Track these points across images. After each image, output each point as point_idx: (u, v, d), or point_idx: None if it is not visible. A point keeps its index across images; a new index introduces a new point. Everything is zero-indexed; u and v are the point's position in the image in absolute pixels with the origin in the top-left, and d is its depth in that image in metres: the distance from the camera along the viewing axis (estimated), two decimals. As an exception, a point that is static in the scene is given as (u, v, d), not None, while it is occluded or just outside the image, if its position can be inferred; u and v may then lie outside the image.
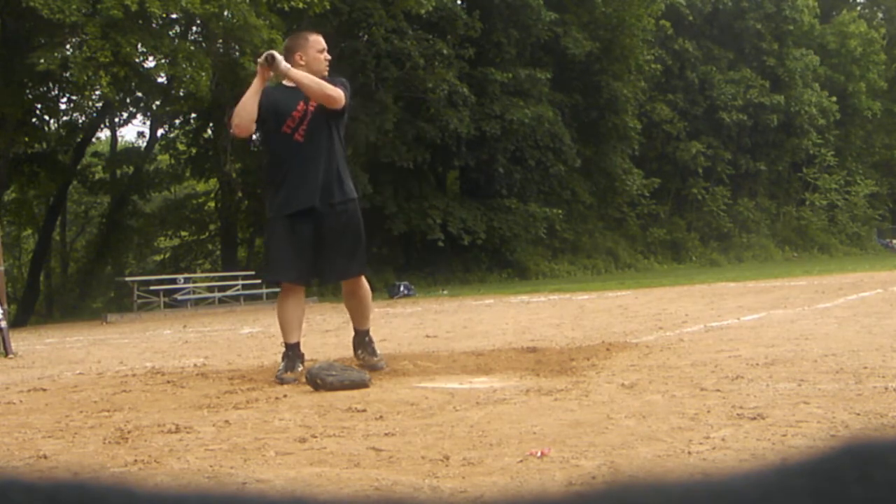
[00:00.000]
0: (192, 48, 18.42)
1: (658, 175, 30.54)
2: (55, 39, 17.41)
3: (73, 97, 21.18)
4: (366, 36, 22.90)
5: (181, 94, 18.92)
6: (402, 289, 17.26)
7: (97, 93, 18.15)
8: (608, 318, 8.31)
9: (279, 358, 4.88)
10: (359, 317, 4.92)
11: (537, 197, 26.11)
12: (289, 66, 4.48)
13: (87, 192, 27.85)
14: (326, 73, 4.63)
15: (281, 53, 4.61)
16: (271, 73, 4.57)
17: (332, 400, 3.69)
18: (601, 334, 6.44)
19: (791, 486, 0.33)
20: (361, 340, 4.88)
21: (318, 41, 4.66)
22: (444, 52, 22.65)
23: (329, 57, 4.69)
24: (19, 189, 24.18)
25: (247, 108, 4.57)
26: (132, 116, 27.01)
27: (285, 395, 3.92)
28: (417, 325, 8.91)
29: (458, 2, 25.06)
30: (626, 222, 30.58)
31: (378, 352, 4.88)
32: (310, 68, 4.57)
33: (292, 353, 4.62)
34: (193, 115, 23.92)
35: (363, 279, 4.88)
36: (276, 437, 2.99)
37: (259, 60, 4.58)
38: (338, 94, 4.49)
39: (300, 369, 4.49)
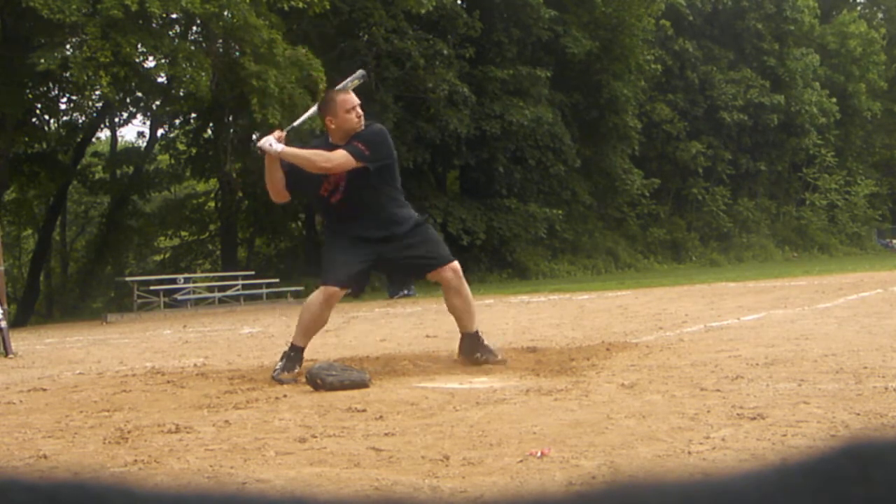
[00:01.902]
0: (192, 48, 18.42)
1: (658, 175, 30.54)
2: (55, 39, 17.41)
3: (73, 97, 21.20)
4: (366, 36, 22.90)
5: (181, 94, 18.92)
6: (402, 289, 17.25)
7: (97, 93, 18.15)
8: (608, 318, 8.31)
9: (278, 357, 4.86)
10: (467, 317, 4.81)
11: (537, 197, 26.11)
12: (281, 148, 4.55)
13: (87, 192, 27.86)
14: (361, 128, 4.74)
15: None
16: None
17: (332, 400, 3.69)
18: (601, 334, 6.44)
19: (791, 486, 0.33)
20: (473, 343, 4.78)
21: (345, 101, 4.77)
22: (445, 51, 22.64)
23: (361, 113, 4.78)
24: (19, 189, 24.17)
25: (271, 183, 4.73)
26: (132, 116, 27.03)
27: (285, 395, 3.92)
28: (417, 325, 8.91)
29: (458, 1, 25.05)
30: (626, 222, 30.57)
31: (494, 347, 4.79)
32: (341, 129, 4.69)
33: (295, 354, 4.61)
34: (193, 115, 23.91)
35: (461, 276, 4.83)
36: (276, 437, 2.99)
37: (257, 152, 4.75)
38: (334, 162, 4.55)
39: (296, 371, 4.50)
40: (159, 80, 19.83)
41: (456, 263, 4.84)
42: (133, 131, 75.82)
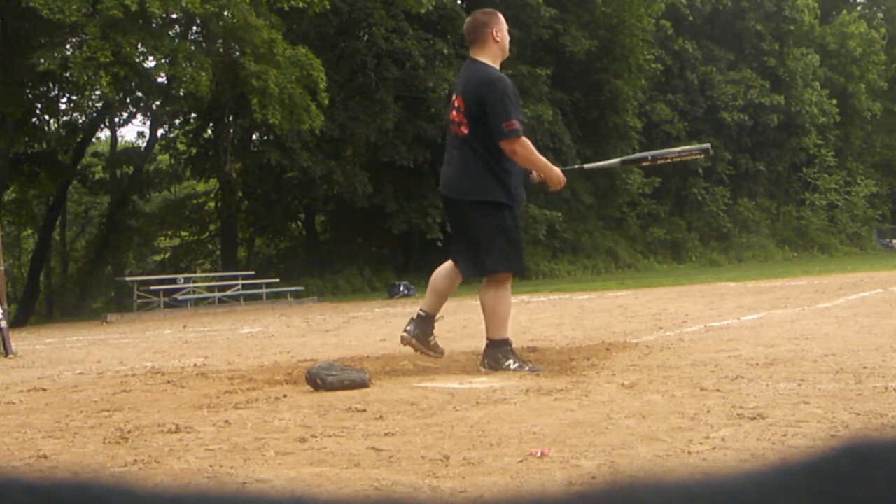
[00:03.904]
0: (192, 48, 18.43)
1: (658, 175, 30.54)
2: (55, 39, 17.43)
3: (73, 97, 21.20)
4: (366, 36, 22.91)
5: (181, 94, 18.93)
6: (402, 289, 17.26)
7: (97, 93, 18.16)
8: (608, 318, 8.31)
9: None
10: (486, 325, 4.65)
11: (537, 196, 26.10)
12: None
13: (87, 192, 27.87)
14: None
15: (468, 27, 4.66)
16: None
17: (332, 400, 3.69)
18: (601, 334, 6.44)
19: (791, 486, 0.33)
20: (487, 351, 4.56)
21: (503, 20, 4.68)
22: (445, 51, 22.65)
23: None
24: (19, 189, 24.17)
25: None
26: (132, 116, 27.05)
27: (285, 395, 3.92)
28: (417, 325, 8.89)
29: (458, 1, 25.06)
30: (626, 222, 30.58)
31: (505, 360, 4.48)
32: (502, 46, 4.60)
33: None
34: (193, 115, 23.92)
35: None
36: (276, 437, 2.99)
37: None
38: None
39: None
40: (159, 80, 19.84)
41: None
42: (133, 131, 76.04)
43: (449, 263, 4.75)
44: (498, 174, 4.49)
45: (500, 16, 4.65)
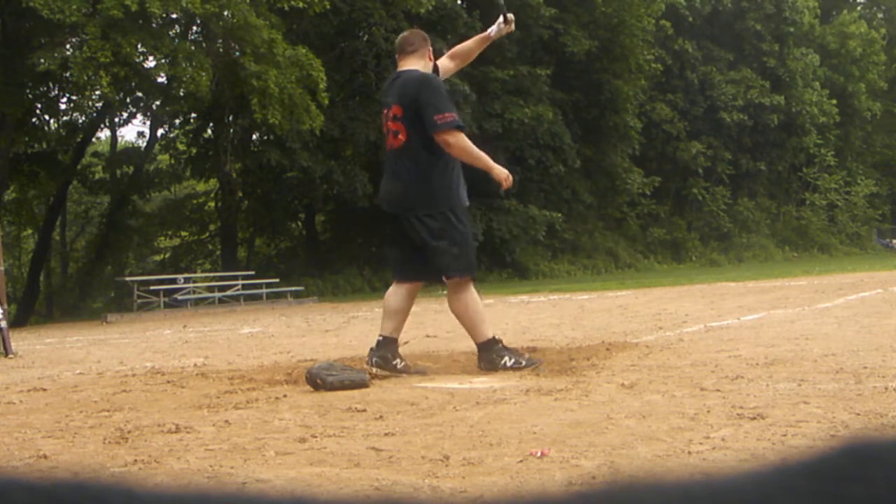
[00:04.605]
0: (192, 48, 18.42)
1: (658, 175, 30.55)
2: (55, 39, 17.42)
3: (73, 97, 21.20)
4: (366, 36, 22.91)
5: (181, 94, 18.93)
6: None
7: (97, 93, 18.15)
8: (608, 318, 8.31)
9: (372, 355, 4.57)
10: (468, 332, 4.63)
11: (537, 196, 26.11)
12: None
13: (87, 192, 27.88)
14: None
15: (406, 39, 4.75)
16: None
17: (332, 400, 3.69)
18: (601, 334, 6.44)
19: (791, 486, 0.33)
20: (480, 354, 4.53)
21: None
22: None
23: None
24: (19, 189, 24.19)
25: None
26: (132, 116, 27.06)
27: (285, 395, 3.92)
28: (417, 325, 8.90)
29: (458, 1, 25.06)
30: (626, 222, 30.58)
31: (500, 359, 4.44)
32: (430, 66, 4.70)
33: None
34: (193, 115, 23.92)
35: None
36: (276, 437, 2.99)
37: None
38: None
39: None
40: (159, 80, 19.84)
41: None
42: (133, 131, 76.02)
43: (399, 284, 4.70)
44: (439, 180, 4.46)
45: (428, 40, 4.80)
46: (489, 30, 4.97)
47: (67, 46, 17.63)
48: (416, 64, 4.61)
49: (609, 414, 3.10)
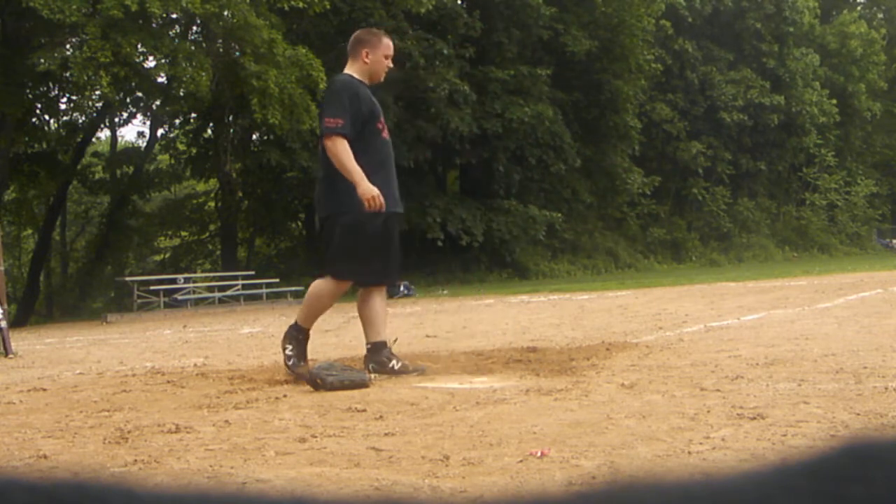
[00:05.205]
0: (192, 48, 18.42)
1: (658, 175, 30.55)
2: (55, 39, 17.42)
3: (73, 97, 21.20)
4: (366, 36, 22.86)
5: (181, 94, 18.93)
6: (402, 289, 17.24)
7: (97, 93, 18.16)
8: (608, 318, 8.31)
9: (285, 353, 4.76)
10: (365, 331, 4.75)
11: (537, 196, 26.10)
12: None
13: (87, 192, 27.88)
14: (382, 80, 4.67)
15: (350, 43, 4.66)
16: None
17: (332, 400, 3.69)
18: (601, 334, 6.44)
19: (791, 486, 0.33)
20: (368, 356, 4.63)
21: (389, 46, 4.64)
22: (445, 51, 22.65)
23: (391, 66, 4.68)
24: (19, 189, 24.19)
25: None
26: (132, 116, 27.07)
27: (285, 395, 3.92)
28: (417, 325, 8.91)
29: (459, 1, 25.06)
30: (626, 222, 30.58)
31: (389, 361, 4.53)
32: (371, 69, 4.58)
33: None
34: (193, 115, 23.92)
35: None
36: (276, 437, 2.99)
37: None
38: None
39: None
40: (159, 80, 19.84)
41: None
42: (133, 131, 76.06)
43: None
44: (343, 183, 4.42)
45: (384, 40, 4.64)
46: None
47: (67, 46, 17.63)
48: (349, 68, 4.62)
49: (609, 414, 3.10)
